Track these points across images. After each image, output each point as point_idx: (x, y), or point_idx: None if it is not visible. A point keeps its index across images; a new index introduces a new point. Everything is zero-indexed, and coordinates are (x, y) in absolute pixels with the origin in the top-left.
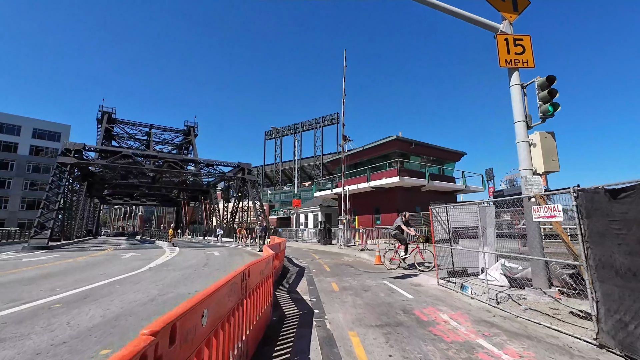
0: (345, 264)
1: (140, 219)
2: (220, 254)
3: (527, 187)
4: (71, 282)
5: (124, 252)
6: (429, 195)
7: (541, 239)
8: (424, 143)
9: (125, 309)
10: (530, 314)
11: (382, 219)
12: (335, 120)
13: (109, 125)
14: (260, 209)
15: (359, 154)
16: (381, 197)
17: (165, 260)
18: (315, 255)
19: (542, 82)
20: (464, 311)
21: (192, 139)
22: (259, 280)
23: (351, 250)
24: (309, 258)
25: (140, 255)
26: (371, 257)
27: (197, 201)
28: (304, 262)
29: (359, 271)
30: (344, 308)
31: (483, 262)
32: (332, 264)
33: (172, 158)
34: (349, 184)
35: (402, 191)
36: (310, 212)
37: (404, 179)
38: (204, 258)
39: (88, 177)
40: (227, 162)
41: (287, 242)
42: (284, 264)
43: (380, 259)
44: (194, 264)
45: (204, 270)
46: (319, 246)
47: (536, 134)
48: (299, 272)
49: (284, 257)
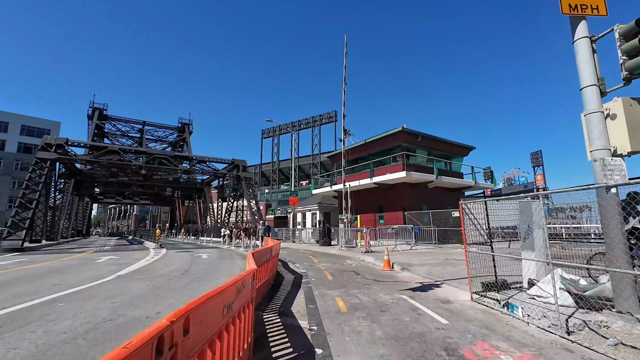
0: (349, 269)
1: (135, 219)
2: (208, 257)
3: (605, 174)
4: (6, 298)
5: (102, 255)
6: (436, 192)
7: (626, 245)
8: (431, 136)
9: (40, 349)
10: (625, 352)
11: (386, 217)
12: (334, 119)
13: (100, 122)
14: (256, 207)
15: (361, 148)
16: (385, 194)
17: (143, 266)
18: (314, 259)
19: (627, 30)
20: (534, 351)
21: (187, 136)
22: (218, 326)
23: (353, 253)
24: (307, 262)
25: (118, 259)
26: (377, 260)
27: (191, 200)
28: (302, 267)
29: (367, 280)
30: (359, 345)
31: (531, 272)
32: (334, 270)
33: (162, 154)
34: (350, 180)
35: (407, 188)
36: (308, 210)
37: (411, 174)
38: (188, 262)
39: (75, 175)
40: (221, 158)
41: (283, 242)
42: (278, 270)
43: (389, 264)
44: (172, 270)
45: (181, 279)
46: (318, 247)
47: (616, 101)
48: (295, 281)
49: (277, 263)
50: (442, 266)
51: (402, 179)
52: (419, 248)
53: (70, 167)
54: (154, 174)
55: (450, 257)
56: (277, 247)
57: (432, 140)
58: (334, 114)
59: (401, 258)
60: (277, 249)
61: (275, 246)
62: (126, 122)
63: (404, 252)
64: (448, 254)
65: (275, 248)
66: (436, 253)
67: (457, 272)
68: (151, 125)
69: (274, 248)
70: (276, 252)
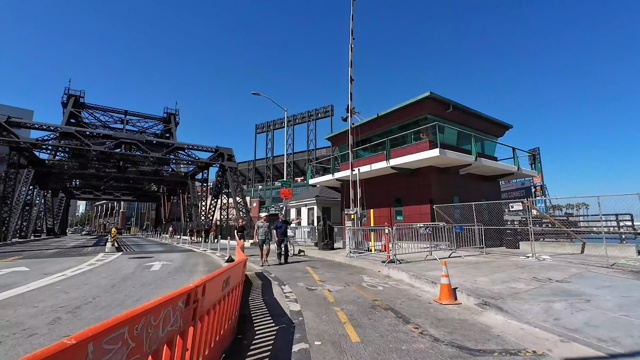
0: (377, 301)
1: (122, 216)
2: (160, 269)
3: None
4: None
5: (20, 264)
6: (468, 180)
7: None
8: (464, 107)
9: None
10: None
11: (406, 213)
12: (330, 113)
13: (75, 110)
14: (242, 202)
15: (373, 124)
16: (404, 183)
17: (22, 292)
18: (314, 274)
19: None
20: None
21: (172, 127)
22: None
23: (369, 263)
24: (303, 280)
25: (27, 271)
26: (415, 279)
27: (175, 195)
28: (294, 293)
29: (434, 343)
30: None
31: None
32: (352, 305)
33: (130, 139)
34: (358, 165)
35: (436, 173)
36: (304, 205)
37: (446, 153)
38: (117, 280)
39: (36, 165)
40: (203, 145)
41: (274, 246)
42: (243, 314)
43: (450, 292)
44: (59, 303)
45: (38, 333)
46: (317, 252)
47: None
48: (275, 356)
49: (237, 310)
50: (560, 297)
51: (431, 160)
52: (462, 254)
53: (30, 156)
54: (127, 166)
55: (541, 275)
56: (239, 273)
57: (465, 113)
58: (330, 108)
59: (457, 275)
60: (237, 279)
61: (234, 274)
62: (105, 111)
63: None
64: (519, 265)
65: (234, 277)
66: (500, 264)
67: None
68: (134, 115)
69: (232, 276)
70: (235, 282)
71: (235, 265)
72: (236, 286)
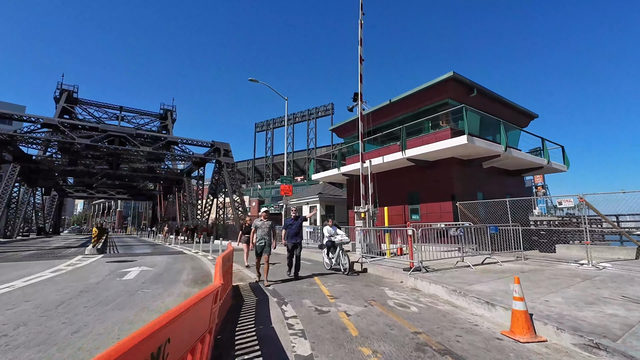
0: (420, 335)
1: (119, 215)
2: (135, 277)
3: None
4: None
5: None
6: (491, 174)
7: None
8: (490, 92)
9: None
10: None
11: (423, 211)
12: (330, 112)
13: (68, 106)
14: (239, 200)
15: (384, 112)
16: (421, 177)
17: None
18: (323, 286)
19: None
20: None
21: (169, 123)
22: None
23: (386, 270)
24: (310, 296)
25: None
26: (453, 296)
27: (171, 194)
28: (298, 321)
29: None
30: None
31: None
32: (381, 338)
33: (119, 132)
34: (368, 157)
35: (458, 166)
36: (306, 203)
37: (474, 141)
38: (73, 294)
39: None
40: (199, 140)
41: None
42: None
43: (528, 325)
44: None
45: None
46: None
47: None
48: None
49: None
50: None
51: (454, 150)
52: (499, 260)
53: (15, 151)
54: (119, 162)
55: (628, 291)
56: (200, 323)
57: (488, 99)
58: (331, 106)
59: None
60: (191, 334)
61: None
62: (99, 106)
63: (483, 272)
64: (580, 275)
65: (186, 333)
66: (554, 273)
67: None
68: (129, 111)
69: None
70: (188, 342)
71: (188, 309)
72: (193, 348)
